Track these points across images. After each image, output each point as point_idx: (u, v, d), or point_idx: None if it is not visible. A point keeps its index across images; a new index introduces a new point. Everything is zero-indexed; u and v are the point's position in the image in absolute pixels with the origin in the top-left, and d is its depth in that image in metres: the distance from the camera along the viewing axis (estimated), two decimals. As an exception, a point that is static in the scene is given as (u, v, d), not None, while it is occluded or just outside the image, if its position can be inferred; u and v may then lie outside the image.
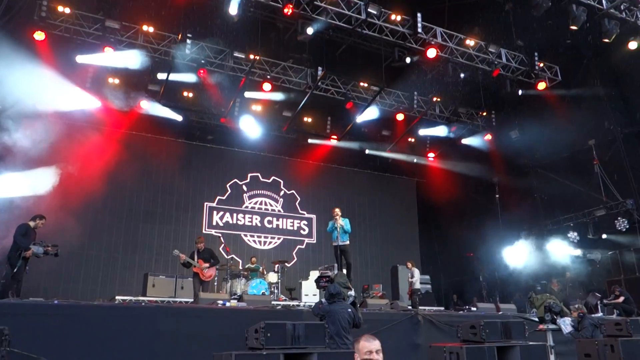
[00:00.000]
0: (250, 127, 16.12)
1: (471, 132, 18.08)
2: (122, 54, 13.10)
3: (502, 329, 6.21)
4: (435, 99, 16.67)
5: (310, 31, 12.22)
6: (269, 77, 14.91)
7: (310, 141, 17.69)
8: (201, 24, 13.16)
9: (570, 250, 15.52)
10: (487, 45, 14.24)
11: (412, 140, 18.73)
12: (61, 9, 12.34)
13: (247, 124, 16.02)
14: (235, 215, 16.96)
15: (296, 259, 17.33)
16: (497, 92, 15.82)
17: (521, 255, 16.13)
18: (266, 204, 17.67)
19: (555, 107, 15.50)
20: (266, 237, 17.29)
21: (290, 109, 16.30)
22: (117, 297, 10.61)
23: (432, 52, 13.50)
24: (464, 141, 18.18)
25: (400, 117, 16.95)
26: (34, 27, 11.94)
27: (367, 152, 18.51)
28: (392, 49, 13.72)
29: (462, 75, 14.57)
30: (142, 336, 6.66)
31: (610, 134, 14.86)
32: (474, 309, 11.19)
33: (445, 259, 19.89)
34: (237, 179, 17.29)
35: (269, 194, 17.80)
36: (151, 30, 13.28)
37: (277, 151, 17.82)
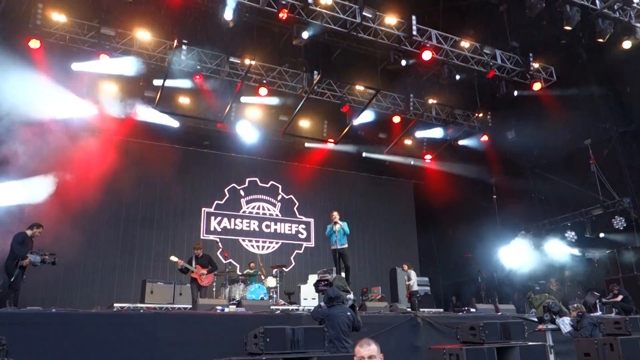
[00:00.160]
0: (247, 132, 16.12)
1: (468, 133, 18.12)
2: (117, 60, 13.10)
3: (501, 329, 6.22)
4: (431, 101, 16.70)
5: (305, 35, 12.26)
6: (265, 81, 14.92)
7: (307, 145, 17.67)
8: (196, 30, 13.15)
9: (568, 249, 15.56)
10: (482, 46, 14.31)
11: (408, 142, 18.75)
12: (56, 16, 12.32)
13: (244, 129, 16.02)
14: (233, 220, 16.93)
15: (294, 263, 17.30)
16: (493, 93, 15.87)
17: (519, 255, 16.16)
18: (264, 209, 17.66)
19: (550, 107, 15.55)
20: (264, 242, 17.27)
21: (286, 113, 16.33)
22: (115, 305, 10.57)
23: (427, 55, 13.57)
24: (461, 143, 18.22)
25: (396, 119, 16.95)
26: (29, 35, 11.92)
27: (364, 155, 18.50)
28: (387, 52, 13.76)
29: (458, 77, 14.60)
30: (141, 343, 6.63)
31: (606, 134, 14.91)
32: (473, 310, 11.20)
33: (443, 260, 19.90)
34: (235, 184, 17.28)
35: (266, 198, 17.79)
36: (147, 37, 13.27)
37: (274, 156, 17.81)
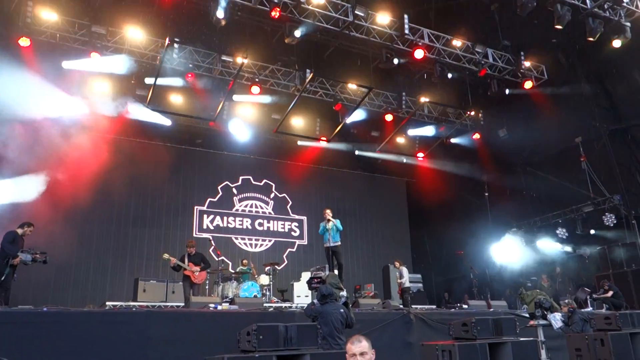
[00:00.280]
0: (239, 131, 16.11)
1: (460, 131, 18.20)
2: (109, 59, 13.03)
3: (493, 325, 6.28)
4: (423, 99, 16.75)
5: (298, 34, 12.25)
6: (257, 80, 14.92)
7: (300, 143, 17.69)
8: (188, 28, 13.13)
9: (559, 246, 15.69)
10: (474, 45, 14.37)
11: (401, 140, 18.80)
12: (46, 15, 12.23)
13: (237, 127, 16.01)
14: (225, 218, 16.91)
15: (287, 261, 17.31)
16: (485, 92, 15.96)
17: (510, 251, 16.28)
18: (257, 207, 17.65)
19: (542, 105, 15.65)
20: (257, 240, 17.27)
21: (279, 111, 16.32)
22: (107, 303, 10.52)
23: (419, 53, 13.61)
24: (453, 141, 18.29)
25: (389, 117, 16.97)
26: (19, 33, 11.82)
27: (357, 153, 18.56)
28: (379, 50, 13.78)
29: (450, 75, 14.65)
30: (134, 342, 6.61)
31: (596, 132, 15.02)
32: (465, 306, 11.25)
33: (436, 257, 19.98)
34: (228, 182, 17.27)
35: (259, 196, 17.78)
36: (138, 35, 13.19)
37: (267, 154, 17.80)
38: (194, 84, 14.36)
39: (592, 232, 15.06)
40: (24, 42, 11.87)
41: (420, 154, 19.17)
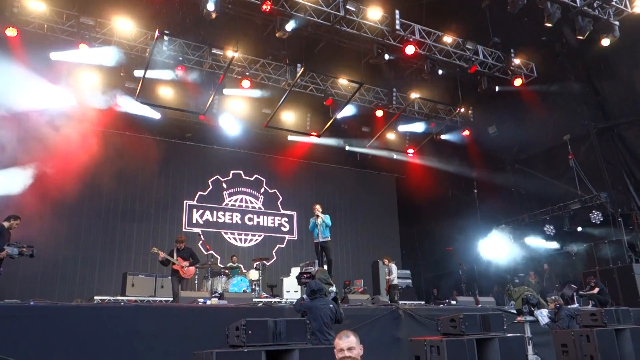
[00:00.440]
0: (229, 125, 16.02)
1: (449, 128, 18.28)
2: (97, 50, 12.87)
3: (481, 321, 6.31)
4: (413, 95, 16.77)
5: (289, 28, 12.20)
6: (248, 74, 14.85)
7: (290, 138, 17.63)
8: (178, 20, 12.99)
9: (547, 243, 15.84)
10: (465, 42, 14.42)
11: (391, 136, 18.82)
12: (34, 5, 12.04)
13: (227, 121, 15.91)
14: (215, 213, 16.86)
15: (277, 257, 17.30)
16: (475, 89, 16.01)
17: (498, 248, 16.41)
18: (246, 202, 17.61)
19: (531, 103, 15.78)
20: (247, 235, 17.23)
21: (269, 106, 16.23)
22: (95, 298, 10.47)
23: (410, 49, 13.61)
24: (443, 137, 18.35)
25: (379, 113, 16.99)
26: (6, 23, 11.64)
27: (347, 148, 18.55)
28: (370, 45, 13.78)
29: (440, 71, 14.70)
30: (122, 336, 6.57)
31: (584, 130, 15.16)
32: (454, 302, 11.31)
33: (425, 253, 20.09)
34: (219, 176, 17.20)
35: (249, 191, 17.74)
36: (127, 26, 13.04)
37: (257, 148, 17.76)
38: (184, 77, 14.24)
39: (579, 229, 15.22)
40: (11, 32, 11.71)
41: (410, 150, 19.21)
